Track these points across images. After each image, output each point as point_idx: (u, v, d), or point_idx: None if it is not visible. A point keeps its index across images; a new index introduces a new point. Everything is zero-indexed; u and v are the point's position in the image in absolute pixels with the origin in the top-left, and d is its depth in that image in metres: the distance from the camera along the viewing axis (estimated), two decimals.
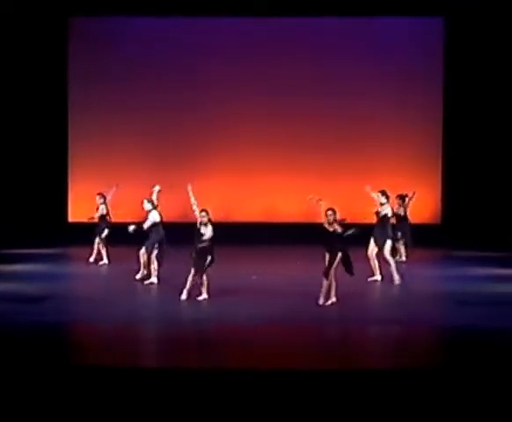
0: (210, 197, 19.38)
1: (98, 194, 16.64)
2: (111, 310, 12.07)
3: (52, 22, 20.49)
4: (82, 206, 17.80)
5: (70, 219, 20.67)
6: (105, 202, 16.51)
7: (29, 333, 10.37)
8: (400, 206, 17.04)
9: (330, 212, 12.14)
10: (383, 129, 20.68)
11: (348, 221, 12.66)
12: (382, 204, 14.80)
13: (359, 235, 12.32)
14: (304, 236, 17.92)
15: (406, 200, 17.16)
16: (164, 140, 20.89)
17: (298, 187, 20.57)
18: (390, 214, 14.82)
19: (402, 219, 16.95)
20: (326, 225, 12.18)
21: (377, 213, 14.79)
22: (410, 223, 17.24)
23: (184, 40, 20.91)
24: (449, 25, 20.57)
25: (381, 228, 14.70)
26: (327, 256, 12.25)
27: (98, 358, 9.31)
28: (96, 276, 15.75)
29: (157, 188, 14.86)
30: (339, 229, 12.11)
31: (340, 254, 12.07)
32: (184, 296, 12.65)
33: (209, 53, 20.79)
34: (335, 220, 12.15)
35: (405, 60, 20.81)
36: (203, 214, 12.60)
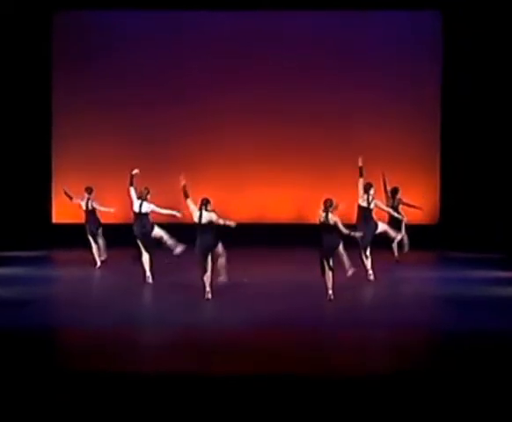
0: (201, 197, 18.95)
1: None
2: (99, 314, 11.91)
3: (36, 17, 20.16)
4: (66, 206, 17.51)
5: (54, 220, 20.35)
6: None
7: (12, 338, 10.23)
8: (392, 199, 16.76)
9: (328, 202, 12.48)
10: (379, 127, 20.36)
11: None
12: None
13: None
14: (297, 236, 18.15)
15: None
16: (152, 138, 20.47)
17: (291, 187, 20.34)
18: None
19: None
20: (323, 217, 12.37)
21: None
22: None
23: (171, 35, 20.57)
24: (446, 18, 20.32)
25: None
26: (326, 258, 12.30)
27: (84, 363, 9.10)
28: (81, 279, 15.51)
29: (134, 171, 14.85)
30: (338, 222, 12.36)
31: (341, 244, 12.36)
32: (209, 296, 12.68)
33: (198, 49, 20.45)
34: (331, 211, 12.43)
35: (402, 55, 20.52)
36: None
